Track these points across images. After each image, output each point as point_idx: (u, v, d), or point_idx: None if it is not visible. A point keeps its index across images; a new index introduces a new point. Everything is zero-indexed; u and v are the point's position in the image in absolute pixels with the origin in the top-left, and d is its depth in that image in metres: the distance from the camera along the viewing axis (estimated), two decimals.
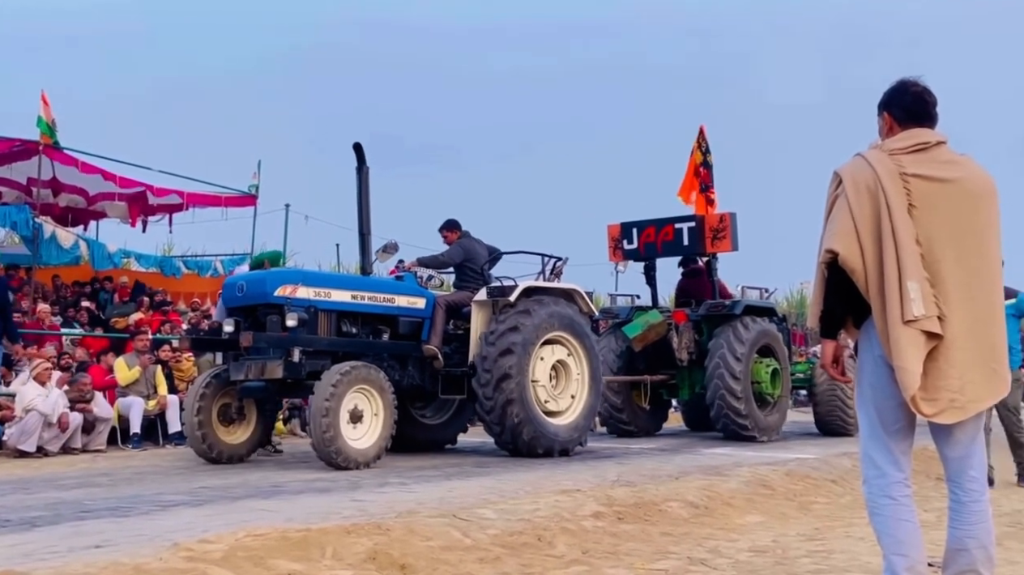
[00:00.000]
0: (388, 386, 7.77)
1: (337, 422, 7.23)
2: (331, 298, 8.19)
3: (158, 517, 4.99)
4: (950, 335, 2.95)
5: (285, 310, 7.70)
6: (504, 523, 4.87)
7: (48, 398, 9.14)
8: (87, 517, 4.99)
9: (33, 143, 12.90)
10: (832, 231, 3.02)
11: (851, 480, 7.36)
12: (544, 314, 8.68)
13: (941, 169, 3.06)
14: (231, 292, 8.31)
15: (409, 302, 8.76)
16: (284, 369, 7.57)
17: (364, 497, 5.72)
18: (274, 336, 7.71)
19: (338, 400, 7.25)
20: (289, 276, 8.23)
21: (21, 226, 12.69)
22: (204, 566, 3.60)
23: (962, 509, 3.08)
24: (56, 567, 3.48)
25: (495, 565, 4.26)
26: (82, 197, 15.58)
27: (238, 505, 5.43)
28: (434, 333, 8.71)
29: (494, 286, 8.89)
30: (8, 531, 4.57)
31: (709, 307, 11.01)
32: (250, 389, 8.10)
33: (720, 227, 11.05)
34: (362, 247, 8.97)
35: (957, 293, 2.98)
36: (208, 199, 15.96)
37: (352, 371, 7.46)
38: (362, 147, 8.86)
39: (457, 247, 9.28)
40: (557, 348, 8.90)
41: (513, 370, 8.31)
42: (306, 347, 7.76)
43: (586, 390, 9.10)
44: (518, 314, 8.55)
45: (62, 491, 6.28)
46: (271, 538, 4.02)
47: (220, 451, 8.02)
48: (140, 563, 3.56)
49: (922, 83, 3.20)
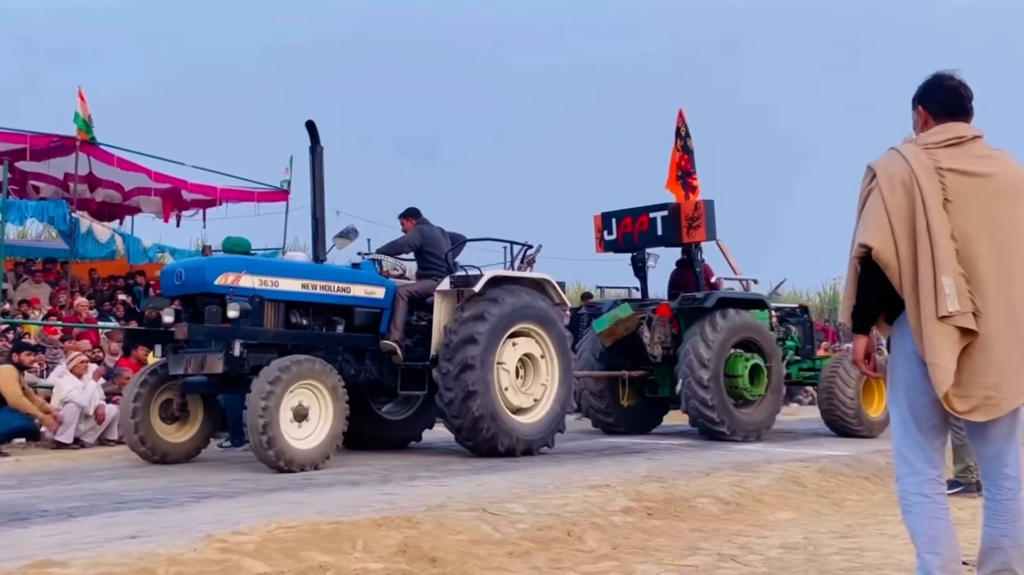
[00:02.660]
0: (338, 381, 7.19)
1: (276, 422, 6.66)
2: (279, 287, 7.61)
3: (192, 508, 5.06)
4: (985, 331, 2.91)
5: (227, 299, 7.15)
6: (533, 518, 4.88)
7: (85, 390, 9.28)
8: (123, 508, 5.07)
9: (70, 139, 13.12)
10: (865, 226, 2.98)
11: (884, 477, 7.28)
12: (511, 304, 8.09)
13: (977, 164, 3.02)
14: (169, 280, 7.67)
15: (367, 291, 8.14)
16: (224, 363, 7.05)
17: (394, 491, 5.75)
18: (213, 328, 7.21)
19: (277, 398, 6.69)
20: (231, 263, 7.64)
21: (59, 221, 12.87)
22: (237, 557, 3.65)
23: (997, 507, 3.04)
24: (92, 557, 3.54)
25: (524, 559, 4.27)
26: (118, 192, 15.77)
27: (270, 497, 5.49)
28: (394, 325, 8.12)
29: (458, 275, 8.26)
30: (46, 521, 4.66)
31: (682, 300, 10.49)
32: (193, 384, 7.54)
33: (695, 215, 10.56)
34: (315, 233, 8.27)
35: (993, 289, 2.94)
36: (241, 194, 16.10)
37: (293, 366, 6.89)
38: (315, 125, 8.21)
39: (415, 232, 8.73)
40: (525, 341, 8.30)
41: (476, 361, 7.71)
42: (249, 340, 7.22)
43: (556, 386, 8.46)
44: (484, 303, 7.96)
45: (98, 482, 6.38)
46: (303, 530, 4.06)
47: (162, 451, 7.47)
48: (175, 554, 3.61)
49: (958, 77, 3.16)
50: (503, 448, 7.92)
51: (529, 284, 8.55)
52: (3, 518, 4.73)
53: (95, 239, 13.23)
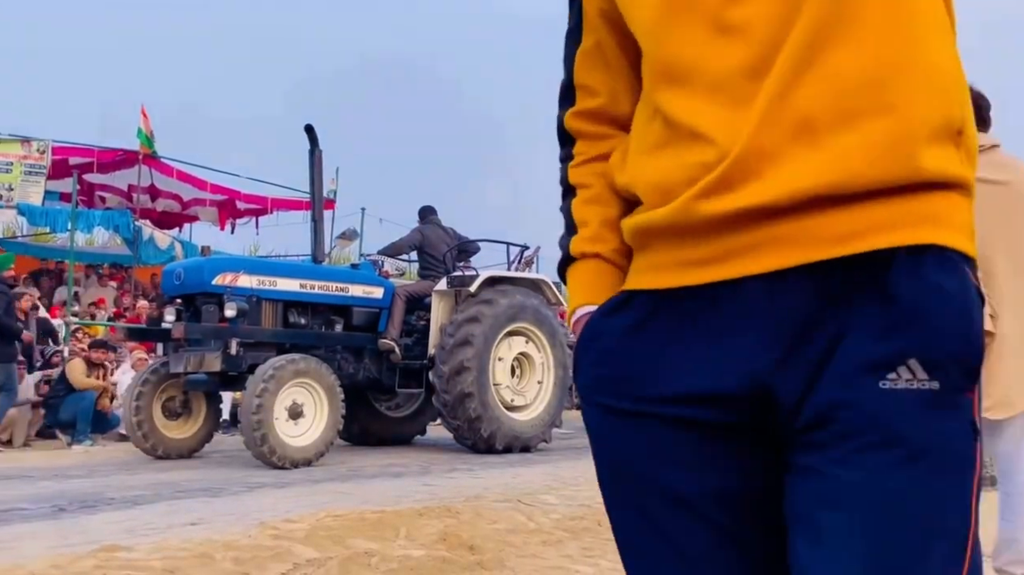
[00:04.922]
0: (333, 380, 7.03)
1: (270, 419, 6.52)
2: (276, 287, 7.49)
3: (246, 498, 5.12)
4: (1002, 333, 2.88)
5: (224, 299, 7.04)
6: (565, 508, 4.88)
7: None
8: (183, 497, 5.15)
9: (133, 153, 13.38)
10: None
11: None
12: (506, 304, 7.93)
13: (994, 172, 2.99)
14: (169, 280, 7.56)
15: (365, 291, 8.00)
16: (222, 362, 6.93)
17: (434, 482, 5.78)
18: (210, 327, 7.10)
19: (271, 396, 6.55)
20: (229, 263, 7.61)
21: (123, 229, 13.11)
22: (288, 543, 3.70)
23: (1011, 501, 3.00)
24: (156, 542, 3.61)
25: (557, 547, 4.27)
26: (177, 202, 16.05)
27: (319, 487, 5.54)
28: (392, 324, 7.98)
29: (455, 275, 8.13)
30: (113, 509, 4.75)
31: None
32: (194, 382, 7.38)
33: None
34: (314, 234, 8.14)
35: (1008, 292, 2.91)
36: (290, 203, 16.28)
37: (288, 365, 6.75)
38: (314, 129, 8.05)
39: (414, 232, 8.58)
40: (521, 340, 8.20)
41: (471, 362, 7.59)
42: (246, 338, 7.10)
43: (551, 384, 8.32)
44: (479, 304, 7.81)
45: (160, 473, 6.48)
46: (349, 519, 4.10)
47: (165, 448, 7.33)
48: (231, 540, 3.67)
49: (975, 88, 3.12)
50: (500, 446, 7.81)
51: (526, 284, 8.42)
52: (74, 505, 4.83)
53: (156, 246, 13.46)
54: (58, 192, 13.45)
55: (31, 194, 12.19)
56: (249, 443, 6.60)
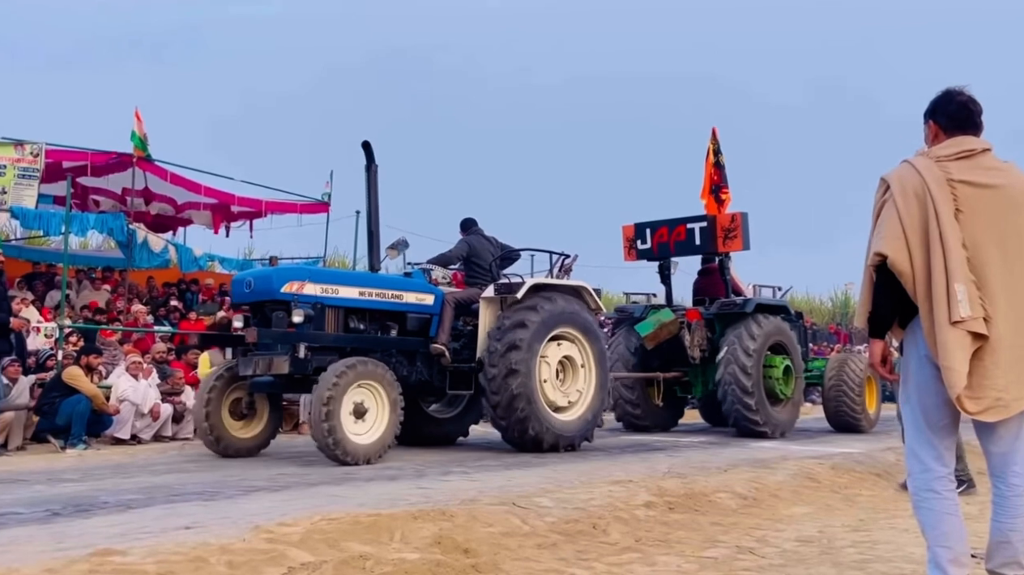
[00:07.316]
0: (393, 382, 7.37)
1: (338, 416, 6.87)
2: (338, 294, 7.85)
3: (241, 501, 5.09)
4: (995, 336, 2.88)
5: (292, 306, 7.41)
6: (560, 511, 4.86)
7: (138, 389, 9.38)
8: (177, 500, 5.11)
9: (127, 156, 13.29)
10: (881, 235, 2.96)
11: (895, 474, 7.19)
12: (550, 310, 8.27)
13: (986, 175, 2.99)
14: (240, 288, 7.89)
15: (417, 298, 8.38)
16: (290, 365, 7.29)
17: (429, 485, 5.75)
18: (279, 332, 7.43)
19: (340, 395, 6.90)
20: (296, 273, 7.94)
21: (117, 232, 13.02)
22: (283, 547, 3.67)
23: (1005, 503, 3.01)
24: (150, 546, 3.57)
25: (552, 551, 4.25)
26: (171, 205, 15.96)
27: (313, 491, 5.51)
28: (442, 329, 8.35)
29: (502, 283, 8.51)
30: (106, 512, 4.71)
31: (721, 305, 10.64)
32: (259, 384, 7.79)
33: (731, 227, 10.72)
34: (370, 245, 8.54)
35: (1002, 295, 2.91)
36: (285, 207, 16.23)
37: (356, 366, 7.10)
38: (371, 145, 8.45)
39: (462, 243, 8.93)
40: (565, 344, 8.52)
41: (519, 366, 7.93)
42: (312, 343, 7.47)
43: (593, 386, 8.64)
44: (525, 310, 8.16)
45: (155, 476, 6.44)
46: (344, 522, 4.07)
47: (230, 446, 7.68)
48: (226, 543, 3.63)
49: (967, 92, 3.12)
50: (546, 445, 8.13)
51: (567, 291, 8.77)
52: (68, 509, 4.79)
53: (150, 249, 13.36)
54: (52, 195, 13.36)
55: (24, 197, 12.10)
56: (318, 437, 6.92)
